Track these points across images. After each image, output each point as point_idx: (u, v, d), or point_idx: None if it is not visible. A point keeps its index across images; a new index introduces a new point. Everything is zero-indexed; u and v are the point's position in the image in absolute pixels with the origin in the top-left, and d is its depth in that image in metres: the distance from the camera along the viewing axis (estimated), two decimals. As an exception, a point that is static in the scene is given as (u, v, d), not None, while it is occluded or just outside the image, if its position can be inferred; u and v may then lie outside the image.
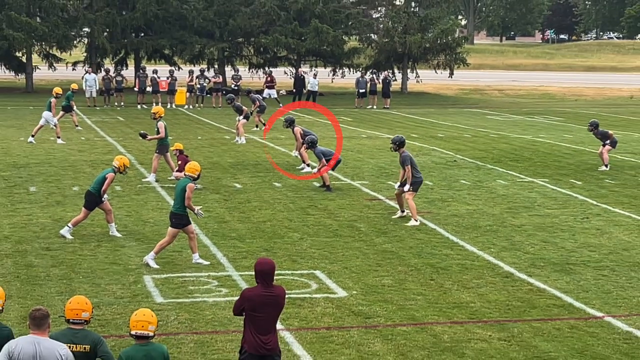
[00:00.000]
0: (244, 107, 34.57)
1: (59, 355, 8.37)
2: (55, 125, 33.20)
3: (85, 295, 10.56)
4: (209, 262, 16.65)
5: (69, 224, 18.46)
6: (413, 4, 65.63)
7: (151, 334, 8.84)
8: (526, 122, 45.76)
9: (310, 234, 19.18)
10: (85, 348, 8.93)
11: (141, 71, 52.51)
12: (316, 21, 60.12)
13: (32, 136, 32.76)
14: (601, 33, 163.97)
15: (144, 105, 49.47)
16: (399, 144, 20.86)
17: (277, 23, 61.04)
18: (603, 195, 24.36)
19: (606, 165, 28.83)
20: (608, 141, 29.17)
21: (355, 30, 65.34)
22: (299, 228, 19.66)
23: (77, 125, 37.10)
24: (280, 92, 55.38)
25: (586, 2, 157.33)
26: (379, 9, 70.60)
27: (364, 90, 53.69)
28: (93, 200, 18.37)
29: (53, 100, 33.64)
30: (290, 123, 28.80)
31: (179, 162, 24.02)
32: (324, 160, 24.51)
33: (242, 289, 14.68)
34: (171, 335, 12.74)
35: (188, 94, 51.15)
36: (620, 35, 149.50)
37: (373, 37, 65.83)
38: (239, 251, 17.56)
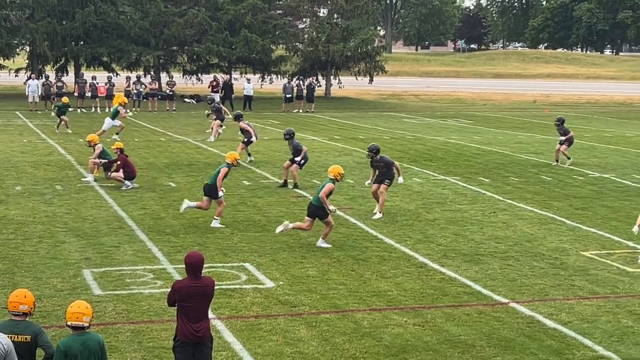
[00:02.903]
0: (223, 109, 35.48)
1: (1, 345, 8.22)
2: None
3: (27, 288, 10.38)
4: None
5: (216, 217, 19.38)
6: (335, 15, 65.80)
7: (86, 324, 8.72)
8: (439, 124, 46.17)
9: (240, 229, 19.11)
10: (26, 338, 8.79)
11: (80, 77, 51.83)
12: (246, 31, 60.01)
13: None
14: (507, 43, 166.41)
15: (83, 110, 48.91)
16: (375, 152, 21.10)
17: (209, 33, 60.78)
18: (508, 191, 24.68)
19: (557, 161, 29.92)
20: (564, 139, 29.90)
21: (282, 40, 65.34)
22: (230, 224, 19.57)
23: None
24: (186, 99, 56.57)
25: (494, 15, 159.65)
26: (304, 20, 70.78)
27: (290, 95, 53.72)
28: (214, 190, 19.11)
29: (121, 108, 33.47)
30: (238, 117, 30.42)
31: (119, 162, 23.70)
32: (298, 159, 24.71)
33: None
34: (109, 325, 12.59)
35: (125, 98, 50.58)
36: (525, 45, 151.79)
37: (299, 46, 65.94)
38: (173, 246, 17.42)
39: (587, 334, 12.69)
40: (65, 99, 39.45)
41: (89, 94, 49.88)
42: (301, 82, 59.27)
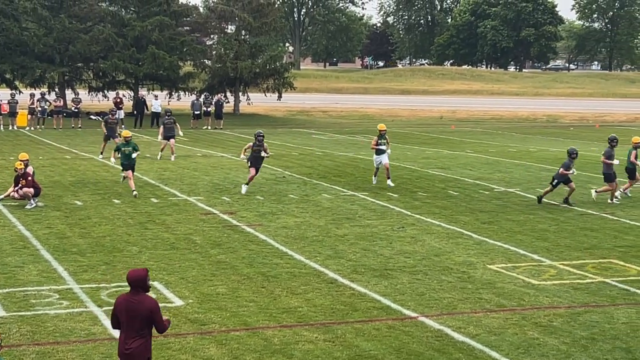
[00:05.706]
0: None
1: None
2: None
3: None
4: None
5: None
6: (243, 32, 65.82)
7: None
8: (348, 140, 46.48)
9: (148, 247, 18.90)
10: None
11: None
12: (153, 47, 59.55)
13: None
14: (414, 60, 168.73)
15: (-15, 127, 47.85)
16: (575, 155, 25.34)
17: (115, 49, 60.13)
18: (417, 206, 24.96)
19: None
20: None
21: (190, 56, 65.06)
22: (138, 242, 19.35)
23: None
24: (92, 116, 56.19)
25: (400, 32, 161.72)
26: (212, 36, 70.66)
27: (198, 112, 53.50)
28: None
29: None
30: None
31: (29, 178, 23.08)
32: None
33: (82, 301, 14.43)
34: (13, 347, 12.29)
35: (29, 116, 49.85)
36: (431, 62, 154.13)
37: (207, 62, 65.74)
38: (79, 265, 17.11)
39: (495, 346, 12.88)
40: (126, 132, 26.89)
41: (-9, 112, 48.91)
42: (208, 98, 59.08)
